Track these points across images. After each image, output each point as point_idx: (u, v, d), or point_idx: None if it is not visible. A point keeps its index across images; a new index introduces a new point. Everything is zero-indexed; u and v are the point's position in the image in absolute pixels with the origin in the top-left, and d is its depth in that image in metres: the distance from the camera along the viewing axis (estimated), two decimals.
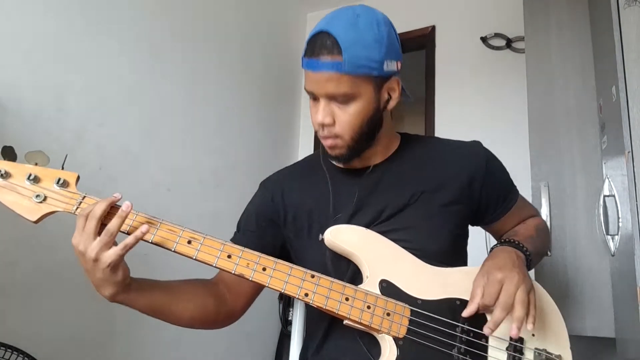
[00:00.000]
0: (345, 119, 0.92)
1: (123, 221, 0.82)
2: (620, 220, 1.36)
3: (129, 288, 0.86)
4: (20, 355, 1.32)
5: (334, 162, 1.02)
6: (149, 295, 0.90)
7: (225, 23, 2.49)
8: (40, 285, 1.59)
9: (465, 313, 0.86)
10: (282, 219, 1.04)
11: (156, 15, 2.10)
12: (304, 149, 2.98)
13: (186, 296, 0.96)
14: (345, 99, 0.91)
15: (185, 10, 2.25)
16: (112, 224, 0.81)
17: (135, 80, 1.99)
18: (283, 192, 1.05)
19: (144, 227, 0.83)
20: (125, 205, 0.83)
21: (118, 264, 0.82)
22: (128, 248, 0.81)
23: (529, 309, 0.84)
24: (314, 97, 0.93)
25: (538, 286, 0.95)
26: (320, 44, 0.88)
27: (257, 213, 1.07)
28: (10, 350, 1.30)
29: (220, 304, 1.00)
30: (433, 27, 2.71)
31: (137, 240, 0.83)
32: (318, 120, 0.92)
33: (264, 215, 1.06)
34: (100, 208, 0.81)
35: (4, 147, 0.87)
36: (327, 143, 0.95)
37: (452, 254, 0.99)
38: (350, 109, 0.92)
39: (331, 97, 0.91)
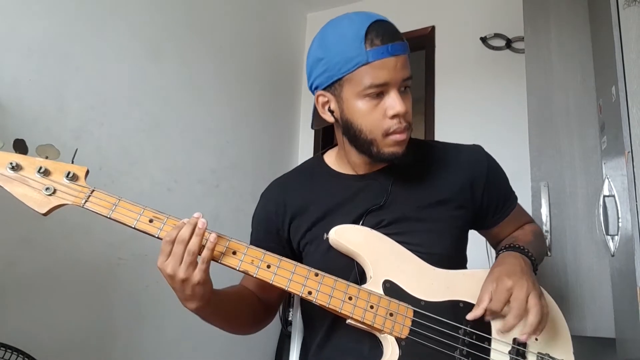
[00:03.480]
0: (410, 106, 0.91)
1: (202, 239, 0.83)
2: (620, 220, 1.35)
3: (210, 300, 0.87)
4: (20, 355, 1.32)
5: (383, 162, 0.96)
6: (223, 306, 0.93)
7: (226, 23, 2.49)
8: (40, 285, 1.59)
9: (470, 316, 0.87)
10: (286, 228, 1.04)
11: (156, 16, 2.10)
12: (304, 149, 2.98)
13: (244, 304, 0.99)
14: (408, 84, 0.90)
15: (186, 10, 2.25)
16: (193, 244, 0.81)
17: (135, 80, 1.99)
18: (285, 202, 1.05)
19: (212, 237, 0.83)
20: (201, 223, 0.83)
21: (206, 280, 0.83)
22: (207, 261, 0.83)
23: (542, 316, 0.84)
24: (380, 92, 0.88)
25: (541, 290, 0.94)
26: (391, 29, 0.88)
27: (263, 227, 1.08)
28: (10, 350, 1.30)
29: (261, 303, 1.03)
30: (433, 27, 2.71)
31: (211, 251, 0.83)
32: (402, 110, 0.87)
33: (269, 227, 1.06)
34: (187, 233, 0.82)
35: (16, 140, 0.87)
36: (402, 137, 0.90)
37: (454, 257, 1.00)
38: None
39: (402, 84, 0.89)
